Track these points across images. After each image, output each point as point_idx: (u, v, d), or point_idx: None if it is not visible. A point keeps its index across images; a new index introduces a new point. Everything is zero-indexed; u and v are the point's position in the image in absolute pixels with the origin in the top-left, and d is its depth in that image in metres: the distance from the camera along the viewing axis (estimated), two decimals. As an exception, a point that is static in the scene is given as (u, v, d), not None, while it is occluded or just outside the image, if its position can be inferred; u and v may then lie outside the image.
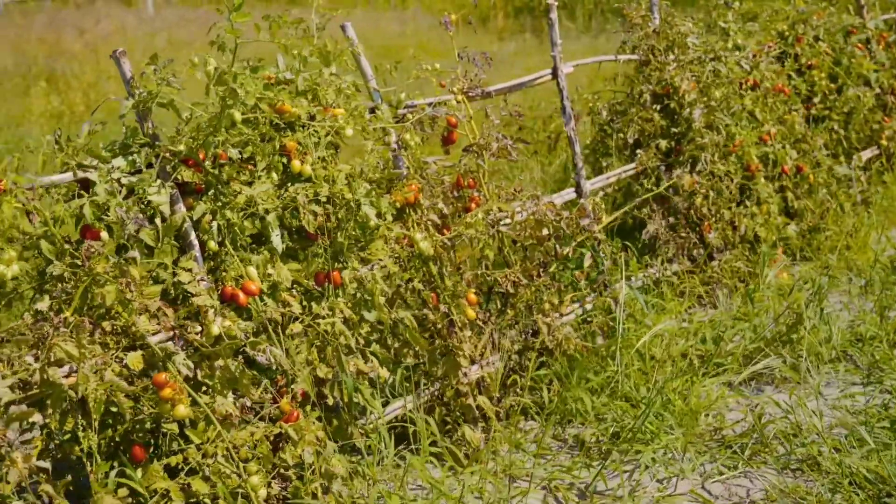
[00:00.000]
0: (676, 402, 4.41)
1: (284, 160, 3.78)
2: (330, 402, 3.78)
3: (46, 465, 2.71)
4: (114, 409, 3.12)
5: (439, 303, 4.18)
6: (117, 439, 3.26)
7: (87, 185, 3.32)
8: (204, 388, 3.34)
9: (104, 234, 3.27)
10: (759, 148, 6.27)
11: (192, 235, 3.49)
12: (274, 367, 3.45)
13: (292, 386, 3.52)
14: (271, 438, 3.47)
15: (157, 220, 3.36)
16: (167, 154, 3.43)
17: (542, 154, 7.81)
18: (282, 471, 3.37)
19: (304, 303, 3.74)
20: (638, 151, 5.61)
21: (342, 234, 3.78)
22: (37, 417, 2.72)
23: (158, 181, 3.32)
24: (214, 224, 3.47)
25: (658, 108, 5.73)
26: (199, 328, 3.36)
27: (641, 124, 5.68)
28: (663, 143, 5.65)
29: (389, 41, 15.91)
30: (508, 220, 4.56)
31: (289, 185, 3.75)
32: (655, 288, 5.58)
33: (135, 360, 3.10)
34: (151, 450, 3.34)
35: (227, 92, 3.39)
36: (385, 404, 4.20)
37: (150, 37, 15.77)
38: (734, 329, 5.16)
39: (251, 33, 3.76)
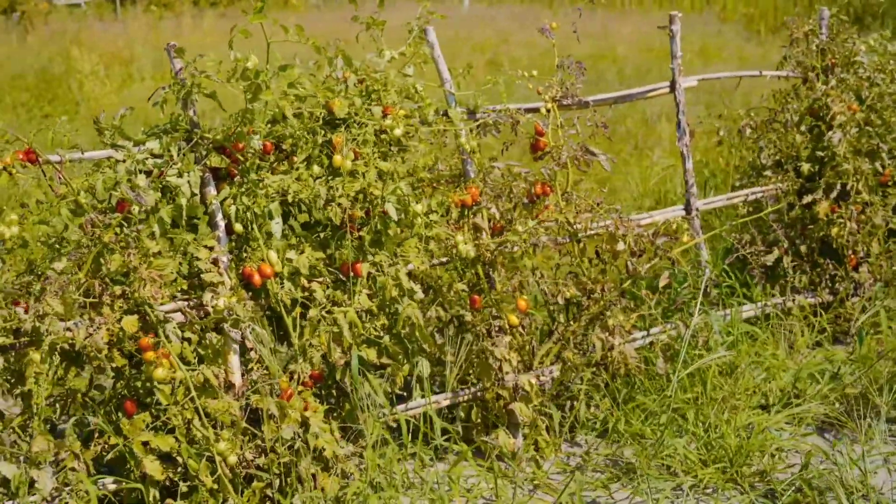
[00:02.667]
0: (728, 435, 4.19)
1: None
2: (348, 387, 3.96)
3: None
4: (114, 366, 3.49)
5: (482, 306, 4.24)
6: (123, 393, 3.64)
7: (125, 162, 3.70)
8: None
9: (135, 209, 3.64)
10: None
11: (219, 216, 3.79)
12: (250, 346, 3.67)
13: (290, 366, 3.74)
14: (269, 413, 3.70)
15: (182, 200, 3.68)
16: (201, 141, 3.74)
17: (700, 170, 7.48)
18: (259, 443, 3.60)
19: (330, 290, 3.93)
20: (765, 173, 5.30)
21: (367, 228, 3.94)
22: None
23: (179, 164, 3.63)
24: (233, 208, 3.74)
25: (805, 129, 5.38)
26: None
27: (780, 145, 5.36)
28: (805, 167, 5.30)
29: (652, 41, 15.77)
30: (586, 233, 4.52)
31: (330, 178, 3.95)
32: (783, 318, 5.26)
33: (130, 323, 3.44)
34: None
35: (249, 87, 3.65)
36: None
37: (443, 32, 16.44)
38: (821, 368, 4.78)
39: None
